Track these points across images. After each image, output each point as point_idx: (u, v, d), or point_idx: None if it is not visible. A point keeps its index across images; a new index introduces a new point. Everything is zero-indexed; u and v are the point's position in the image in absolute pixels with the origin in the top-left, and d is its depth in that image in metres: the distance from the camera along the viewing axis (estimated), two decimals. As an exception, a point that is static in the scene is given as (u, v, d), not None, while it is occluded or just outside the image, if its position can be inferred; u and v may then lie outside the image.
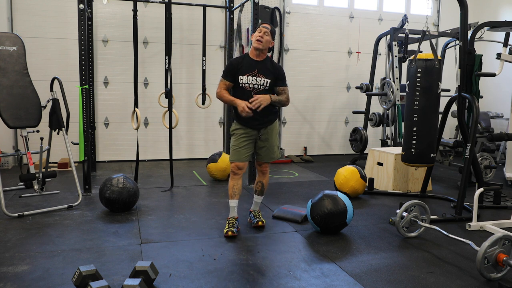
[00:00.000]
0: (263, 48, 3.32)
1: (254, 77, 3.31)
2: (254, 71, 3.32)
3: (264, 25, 3.38)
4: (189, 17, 6.57)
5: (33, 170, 4.07)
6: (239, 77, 3.31)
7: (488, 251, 2.61)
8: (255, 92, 3.32)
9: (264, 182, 3.62)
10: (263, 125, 3.40)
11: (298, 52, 7.23)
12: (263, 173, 3.60)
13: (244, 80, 3.31)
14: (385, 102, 6.26)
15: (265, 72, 3.34)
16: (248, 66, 3.33)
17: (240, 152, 3.39)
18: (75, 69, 5.38)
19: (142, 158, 6.40)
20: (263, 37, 3.30)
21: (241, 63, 3.34)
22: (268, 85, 3.35)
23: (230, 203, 3.48)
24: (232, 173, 3.46)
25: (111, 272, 2.69)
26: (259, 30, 3.34)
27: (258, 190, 3.63)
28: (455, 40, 6.17)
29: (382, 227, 3.69)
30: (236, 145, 3.40)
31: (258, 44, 3.29)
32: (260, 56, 3.36)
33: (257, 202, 3.68)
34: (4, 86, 3.97)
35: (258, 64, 3.34)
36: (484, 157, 5.42)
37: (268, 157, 3.51)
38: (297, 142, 7.40)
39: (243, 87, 3.32)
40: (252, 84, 3.31)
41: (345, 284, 2.62)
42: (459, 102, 4.16)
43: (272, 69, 3.38)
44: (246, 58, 3.38)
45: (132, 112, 5.06)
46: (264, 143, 3.45)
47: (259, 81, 3.32)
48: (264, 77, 3.33)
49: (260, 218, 3.61)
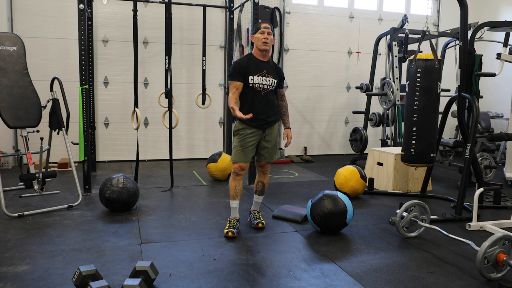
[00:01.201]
0: (269, 48, 3.37)
1: (263, 77, 3.34)
2: (262, 71, 3.34)
3: (265, 24, 3.38)
4: (189, 17, 6.57)
5: (33, 170, 4.07)
6: (249, 77, 3.31)
7: (488, 251, 2.61)
8: (264, 93, 3.35)
9: (264, 182, 3.61)
10: (268, 124, 3.41)
11: (298, 52, 7.23)
12: (264, 173, 3.60)
13: (254, 81, 3.31)
14: (385, 102, 6.26)
15: (271, 72, 3.39)
16: (256, 66, 3.34)
17: (245, 153, 3.37)
18: (75, 69, 5.38)
19: (142, 158, 6.40)
20: (268, 38, 3.32)
21: (248, 63, 3.34)
22: (275, 86, 3.41)
23: (232, 204, 3.47)
24: (234, 174, 3.44)
25: (111, 272, 2.69)
26: (261, 31, 3.34)
27: (259, 190, 3.62)
28: (455, 40, 6.17)
29: (382, 227, 3.69)
30: (241, 146, 3.37)
31: (265, 46, 3.32)
32: (266, 57, 3.40)
33: (257, 202, 3.67)
34: (4, 86, 3.97)
35: (265, 65, 3.38)
36: (484, 157, 5.42)
37: (271, 158, 3.51)
38: (297, 142, 7.40)
39: (253, 87, 3.33)
40: (262, 84, 3.33)
41: (345, 284, 2.62)
42: (459, 102, 4.16)
43: (276, 70, 3.44)
44: (252, 58, 3.38)
45: (132, 112, 5.05)
46: (267, 144, 3.45)
47: (268, 81, 3.35)
48: (272, 77, 3.37)
49: (260, 220, 3.61)
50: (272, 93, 3.42)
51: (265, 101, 3.37)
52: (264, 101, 3.37)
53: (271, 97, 3.43)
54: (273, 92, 3.44)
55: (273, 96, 3.46)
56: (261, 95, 3.35)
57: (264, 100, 3.37)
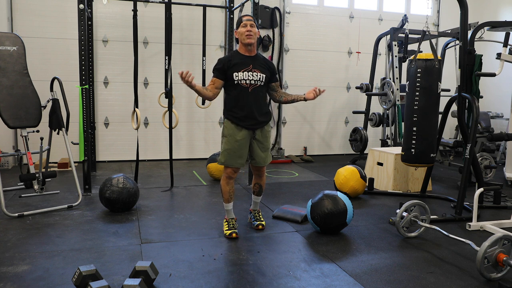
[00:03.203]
0: (254, 41, 3.21)
1: (250, 72, 3.22)
2: (248, 66, 3.22)
3: (247, 17, 3.23)
4: (189, 17, 6.57)
5: (33, 170, 4.07)
6: (233, 74, 3.20)
7: (488, 251, 2.61)
8: (252, 88, 3.23)
9: (261, 183, 3.57)
10: (258, 125, 3.31)
11: (298, 52, 7.23)
12: (260, 176, 3.54)
13: (240, 77, 3.20)
14: (385, 102, 6.26)
15: (259, 67, 3.26)
16: (241, 62, 3.22)
17: (233, 156, 3.28)
18: (75, 69, 5.37)
19: (142, 158, 6.40)
20: (251, 30, 3.17)
21: (232, 60, 3.22)
22: (264, 81, 3.28)
23: (227, 206, 3.44)
24: (227, 177, 3.36)
25: (111, 272, 2.69)
26: (243, 24, 3.19)
27: (256, 191, 3.60)
28: (455, 40, 6.16)
29: (382, 227, 3.69)
30: (232, 149, 3.27)
31: (250, 38, 3.18)
32: (252, 51, 3.27)
33: (256, 202, 3.65)
34: (4, 86, 3.97)
35: (252, 59, 3.25)
36: (484, 157, 5.41)
37: (263, 162, 3.42)
38: (297, 142, 7.40)
39: (240, 84, 3.21)
40: (249, 80, 3.22)
41: (345, 284, 2.62)
42: (459, 102, 4.16)
43: (266, 65, 3.31)
44: (237, 55, 3.27)
45: (132, 112, 5.06)
46: (259, 147, 3.36)
47: (256, 76, 3.23)
48: (260, 72, 3.25)
49: (260, 221, 3.58)
50: (261, 88, 3.29)
51: (254, 97, 3.25)
52: (253, 97, 3.24)
53: (261, 93, 3.30)
54: (263, 88, 3.30)
55: (263, 93, 3.33)
56: (249, 91, 3.23)
57: (252, 97, 3.24)
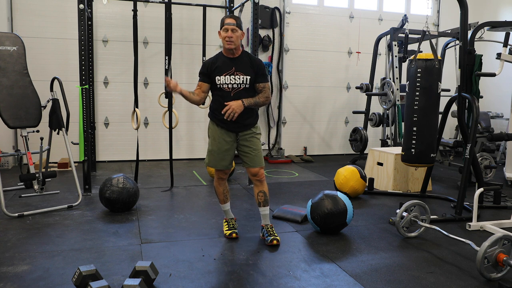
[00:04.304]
0: (235, 47, 3.06)
1: (231, 76, 3.08)
2: (231, 69, 3.08)
3: (229, 20, 3.06)
4: (189, 17, 6.57)
5: (33, 170, 4.07)
6: (216, 78, 3.08)
7: (488, 251, 2.61)
8: (234, 93, 3.08)
9: (265, 190, 3.25)
10: (242, 128, 3.17)
11: (298, 52, 7.23)
12: (260, 181, 3.24)
13: (221, 81, 3.08)
14: (385, 102, 6.26)
15: (243, 69, 3.09)
16: (224, 65, 3.09)
17: (220, 159, 3.23)
18: (75, 69, 5.38)
19: (142, 158, 6.40)
20: (232, 36, 3.04)
21: (216, 63, 3.11)
22: (249, 83, 3.10)
23: (224, 207, 3.43)
24: (218, 178, 3.33)
25: (111, 272, 2.69)
26: (224, 29, 3.04)
27: (262, 201, 3.25)
28: (455, 40, 6.16)
29: (382, 227, 3.69)
30: (215, 150, 3.22)
31: (230, 44, 3.04)
32: (235, 53, 3.11)
33: (265, 215, 3.29)
34: (4, 86, 3.97)
35: (235, 62, 3.10)
36: (484, 157, 5.42)
37: (255, 162, 3.20)
38: (297, 142, 7.40)
39: (222, 88, 3.10)
40: (231, 84, 3.08)
41: (345, 284, 2.62)
42: (459, 102, 4.16)
43: (251, 65, 3.12)
44: (221, 57, 3.14)
45: (132, 112, 5.06)
46: (246, 148, 3.20)
47: (238, 79, 3.08)
48: (243, 74, 3.08)
49: (274, 236, 3.23)
50: (246, 92, 3.11)
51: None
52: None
53: (246, 97, 3.10)
54: (249, 90, 3.12)
55: (248, 96, 3.12)
56: (231, 96, 3.08)
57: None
